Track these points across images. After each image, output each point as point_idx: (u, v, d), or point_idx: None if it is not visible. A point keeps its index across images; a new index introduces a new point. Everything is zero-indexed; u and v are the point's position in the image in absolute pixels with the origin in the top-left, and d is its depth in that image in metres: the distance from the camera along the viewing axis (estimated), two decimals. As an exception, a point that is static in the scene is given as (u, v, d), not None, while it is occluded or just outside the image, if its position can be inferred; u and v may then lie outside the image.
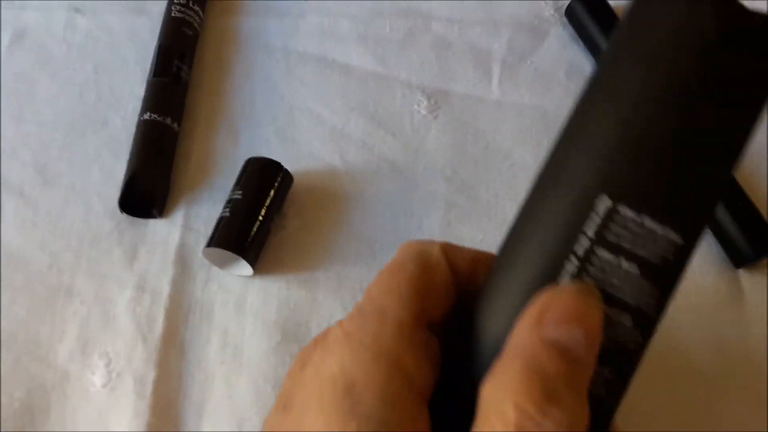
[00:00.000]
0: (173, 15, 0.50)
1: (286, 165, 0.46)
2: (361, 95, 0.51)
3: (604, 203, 0.24)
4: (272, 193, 0.44)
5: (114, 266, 0.44)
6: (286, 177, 0.45)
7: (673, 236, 0.23)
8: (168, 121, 0.46)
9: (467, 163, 0.49)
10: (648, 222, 0.23)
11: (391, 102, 0.51)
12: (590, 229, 0.24)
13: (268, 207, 0.43)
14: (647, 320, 0.24)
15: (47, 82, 0.50)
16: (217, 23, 0.53)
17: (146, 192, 0.45)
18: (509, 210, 0.47)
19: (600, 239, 0.24)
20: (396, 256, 0.26)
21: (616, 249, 0.23)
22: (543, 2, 0.56)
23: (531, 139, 0.50)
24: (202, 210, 0.46)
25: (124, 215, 0.45)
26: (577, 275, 0.24)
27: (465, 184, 0.48)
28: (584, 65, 0.54)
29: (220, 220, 0.43)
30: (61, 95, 0.50)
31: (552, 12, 0.56)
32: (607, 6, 0.54)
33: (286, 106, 0.50)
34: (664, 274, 0.23)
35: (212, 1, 0.54)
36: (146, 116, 0.46)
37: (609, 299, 0.23)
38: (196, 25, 0.51)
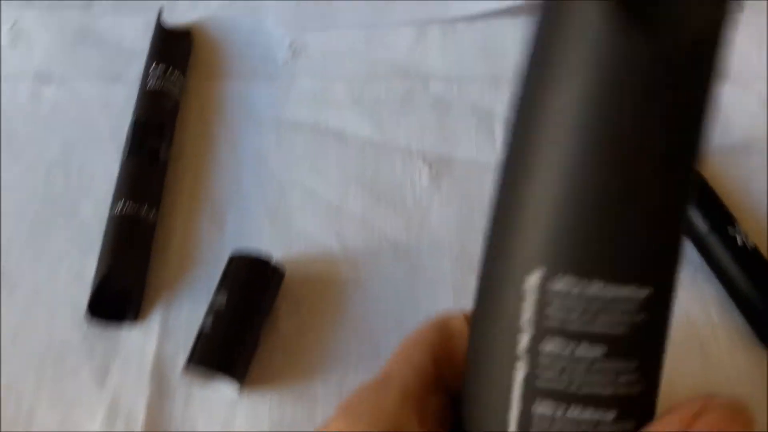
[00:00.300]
0: (150, 86, 0.37)
1: (277, 251, 0.34)
2: (359, 166, 0.39)
3: (533, 281, 0.16)
4: (261, 295, 0.32)
5: (82, 388, 0.31)
6: (277, 274, 0.33)
7: (637, 292, 0.16)
8: (144, 210, 0.33)
9: (475, 239, 0.37)
10: (597, 288, 0.16)
11: (390, 172, 0.39)
12: (527, 320, 0.16)
13: (257, 313, 0.31)
14: (634, 404, 0.17)
15: (9, 163, 0.37)
16: (199, 90, 0.40)
17: (119, 295, 0.32)
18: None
19: (540, 329, 0.16)
20: (418, 327, 0.23)
21: (564, 335, 0.16)
22: (546, 56, 0.44)
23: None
24: (182, 312, 0.33)
25: (94, 324, 0.32)
26: (529, 384, 0.17)
27: (474, 263, 0.36)
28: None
29: (201, 332, 0.30)
30: (25, 178, 0.37)
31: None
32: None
33: (277, 182, 0.38)
34: (638, 342, 0.16)
35: (194, 66, 0.41)
36: (119, 206, 0.33)
37: (575, 400, 0.16)
38: (175, 95, 0.38)
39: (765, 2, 0.48)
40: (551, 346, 0.17)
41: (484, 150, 0.40)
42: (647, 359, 0.17)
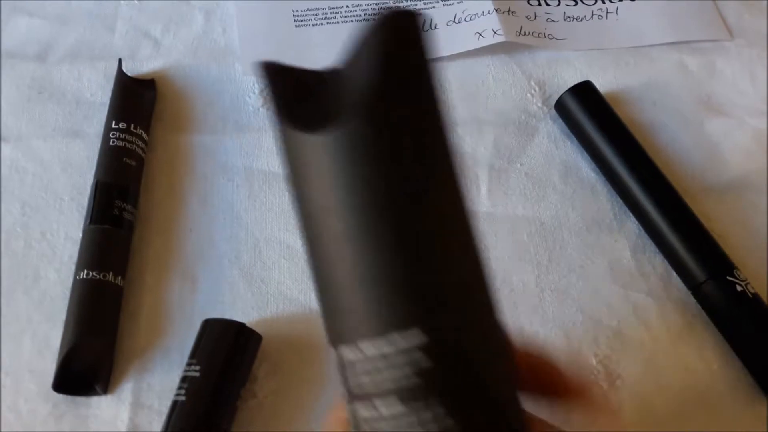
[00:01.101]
0: (112, 144, 0.40)
1: (253, 312, 0.38)
2: (336, 219, 0.43)
3: (334, 355, 0.21)
4: (236, 363, 0.35)
5: (51, 466, 0.35)
6: (253, 339, 0.36)
7: (412, 339, 0.19)
8: (109, 277, 0.37)
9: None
10: (369, 346, 0.19)
11: (370, 224, 0.43)
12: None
13: (233, 382, 0.35)
14: None
15: (-35, 229, 0.41)
16: (165, 143, 0.44)
17: (87, 367, 0.36)
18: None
19: (349, 395, 0.21)
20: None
21: (363, 397, 0.20)
22: (529, 95, 0.49)
23: (530, 257, 0.43)
24: (155, 380, 0.37)
25: (62, 395, 0.36)
26: None
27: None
28: (579, 164, 0.46)
29: (174, 406, 0.34)
30: (-18, 245, 0.40)
31: (540, 105, 0.48)
32: (600, 97, 0.47)
33: (252, 239, 0.42)
34: (433, 385, 0.19)
35: (159, 118, 0.45)
36: (83, 274, 0.37)
37: None
38: (140, 152, 0.41)
39: (759, 35, 0.54)
40: (361, 409, 0.20)
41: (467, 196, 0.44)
42: (451, 400, 0.20)
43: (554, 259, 0.43)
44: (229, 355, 0.35)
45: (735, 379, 0.40)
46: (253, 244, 0.42)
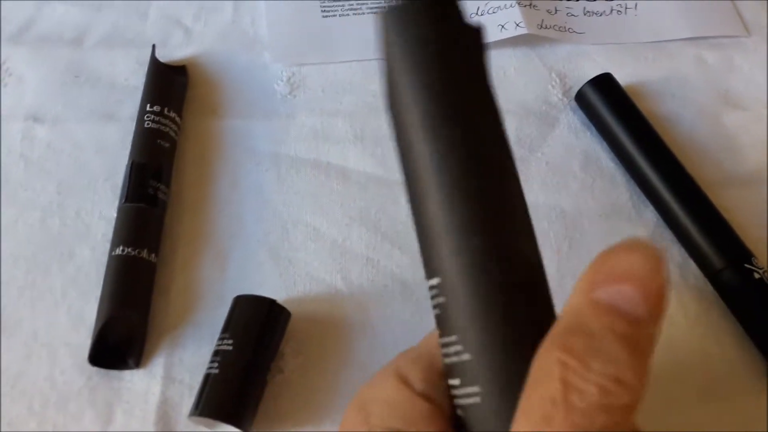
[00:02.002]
0: (146, 126, 0.41)
1: (281, 292, 0.39)
2: (362, 203, 0.44)
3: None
4: (267, 338, 0.36)
5: (86, 434, 0.35)
6: (282, 315, 0.37)
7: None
8: (144, 254, 0.38)
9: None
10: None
11: (395, 209, 0.44)
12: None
13: (264, 356, 0.35)
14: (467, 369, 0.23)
15: (4, 206, 0.41)
16: (197, 128, 0.45)
17: (121, 341, 0.37)
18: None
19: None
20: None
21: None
22: (550, 86, 0.50)
23: (550, 245, 0.43)
24: (186, 355, 0.38)
25: (96, 368, 0.37)
26: None
27: (482, 302, 0.41)
28: (599, 154, 0.47)
29: (207, 378, 0.35)
30: (19, 222, 0.41)
31: (560, 96, 0.49)
32: (620, 89, 0.48)
33: (279, 221, 0.43)
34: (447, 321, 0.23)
35: (190, 103, 0.46)
36: (118, 251, 0.38)
37: None
38: (173, 135, 0.42)
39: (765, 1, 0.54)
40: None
41: (490, 184, 0.45)
42: (466, 332, 0.22)
43: (574, 246, 0.44)
44: (260, 330, 0.36)
45: (751, 366, 0.40)
46: (281, 225, 0.42)
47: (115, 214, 0.41)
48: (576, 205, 0.45)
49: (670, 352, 0.41)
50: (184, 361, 0.38)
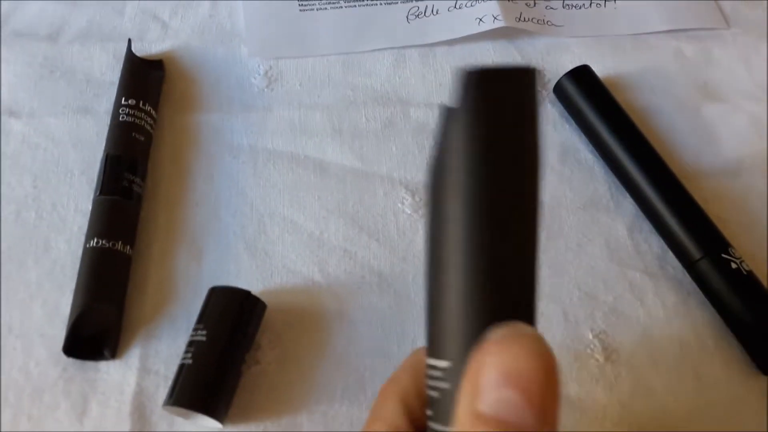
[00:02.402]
0: (121, 119, 0.41)
1: (257, 284, 0.39)
2: (340, 195, 0.44)
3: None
4: (242, 329, 0.36)
5: (60, 425, 0.35)
6: (258, 306, 0.37)
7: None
8: (119, 246, 0.38)
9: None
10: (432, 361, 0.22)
11: (372, 201, 0.44)
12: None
13: (238, 347, 0.35)
14: None
15: (-22, 201, 0.42)
16: (173, 122, 0.45)
17: (96, 332, 0.37)
18: (512, 323, 0.41)
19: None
20: (394, 372, 0.28)
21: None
22: (529, 79, 0.50)
23: (529, 235, 0.44)
24: (162, 346, 0.38)
25: (71, 359, 0.37)
26: None
27: (460, 293, 0.41)
28: (577, 146, 0.47)
29: (181, 369, 0.35)
30: (-5, 215, 0.41)
31: (539, 89, 0.49)
32: (598, 81, 0.48)
33: (256, 214, 0.43)
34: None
35: (166, 97, 0.46)
36: (93, 242, 0.38)
37: None
38: (148, 128, 0.42)
39: (755, 24, 0.55)
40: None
41: (468, 176, 0.45)
42: None
43: (552, 237, 0.44)
44: (234, 320, 0.36)
45: (729, 355, 0.41)
46: (258, 218, 0.42)
47: (90, 207, 0.41)
48: (554, 197, 0.45)
49: (647, 341, 0.41)
50: (160, 352, 0.38)
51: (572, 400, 0.39)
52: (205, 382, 0.34)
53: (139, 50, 0.47)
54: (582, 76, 0.48)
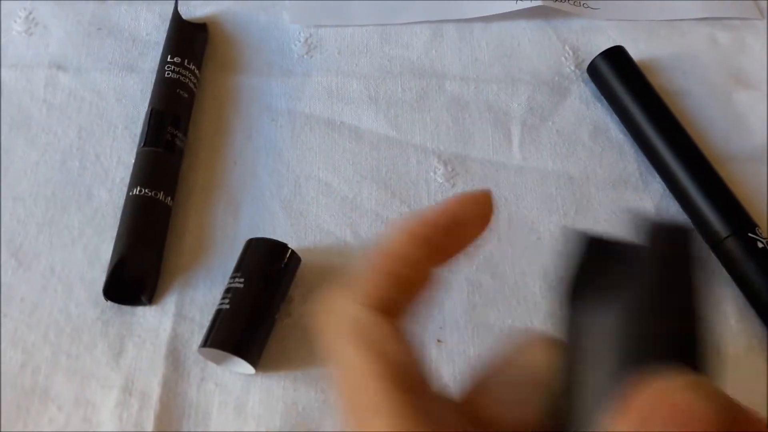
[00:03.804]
0: (166, 76, 0.43)
1: (291, 241, 0.40)
2: (373, 162, 0.45)
3: None
4: (277, 280, 0.37)
5: (97, 363, 0.36)
6: (293, 259, 0.38)
7: None
8: (160, 196, 0.39)
9: (489, 237, 0.43)
10: None
11: (405, 169, 0.45)
12: None
13: (273, 297, 0.36)
14: None
15: (25, 149, 0.43)
16: (215, 83, 0.47)
17: (135, 277, 0.38)
18: (538, 291, 0.41)
19: None
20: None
21: None
22: (563, 58, 0.50)
23: (557, 209, 0.44)
24: (198, 295, 0.39)
25: (109, 303, 0.38)
26: None
27: (488, 261, 0.42)
28: (608, 125, 0.48)
29: (218, 314, 0.36)
30: (40, 163, 0.42)
31: (573, 68, 0.50)
32: (632, 62, 0.49)
33: (292, 175, 0.44)
34: None
35: (209, 59, 0.47)
36: (136, 191, 0.39)
37: None
38: (191, 86, 0.44)
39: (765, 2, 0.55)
40: None
41: (500, 149, 0.46)
42: None
43: (580, 212, 0.44)
44: (271, 271, 0.37)
45: (751, 334, 0.41)
46: (294, 179, 0.43)
47: (133, 160, 0.42)
48: (584, 173, 0.46)
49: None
50: (196, 300, 0.39)
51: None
52: (241, 326, 0.35)
53: (184, 13, 0.48)
54: (616, 56, 0.49)
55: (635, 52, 0.50)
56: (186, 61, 0.44)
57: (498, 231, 0.43)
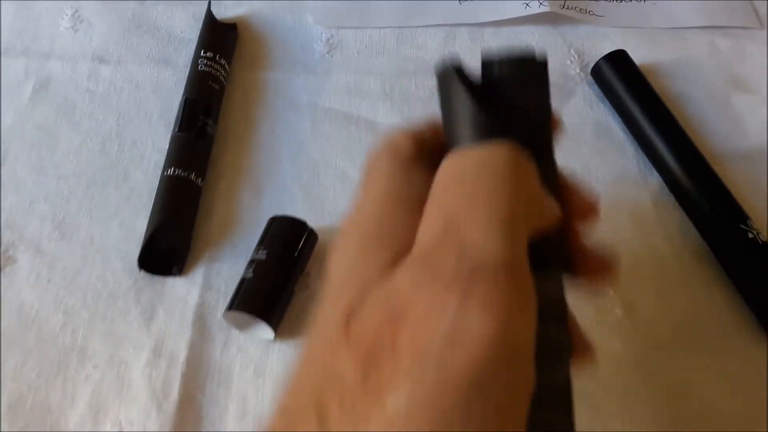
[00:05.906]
0: (200, 69, 0.46)
1: (311, 221, 0.43)
2: (388, 152, 0.48)
3: None
4: (297, 253, 0.40)
5: (130, 327, 0.40)
6: (311, 236, 0.41)
7: None
8: (192, 176, 0.42)
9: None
10: None
11: (417, 160, 0.48)
12: None
13: (293, 268, 0.40)
14: None
15: (69, 133, 0.47)
16: (243, 78, 0.50)
17: (167, 249, 0.41)
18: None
19: None
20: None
21: None
22: (569, 61, 0.53)
23: (560, 200, 0.47)
24: (224, 268, 0.42)
25: (143, 272, 0.41)
26: None
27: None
28: (610, 124, 0.50)
29: (243, 282, 0.39)
30: (82, 146, 0.46)
31: (578, 71, 0.53)
32: (633, 65, 0.51)
33: (312, 163, 0.47)
34: None
35: (239, 56, 0.51)
36: (170, 171, 0.42)
37: None
38: (222, 79, 0.47)
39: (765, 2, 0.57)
40: None
41: (507, 144, 0.49)
42: None
43: (582, 204, 0.47)
44: (291, 244, 0.40)
45: (740, 321, 0.43)
46: (313, 167, 0.47)
47: (167, 146, 0.45)
48: (586, 168, 0.48)
49: (664, 301, 0.43)
50: (221, 272, 0.42)
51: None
52: (264, 293, 0.38)
53: (216, 14, 0.52)
54: (618, 59, 0.51)
55: (638, 57, 0.52)
56: (218, 56, 0.47)
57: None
